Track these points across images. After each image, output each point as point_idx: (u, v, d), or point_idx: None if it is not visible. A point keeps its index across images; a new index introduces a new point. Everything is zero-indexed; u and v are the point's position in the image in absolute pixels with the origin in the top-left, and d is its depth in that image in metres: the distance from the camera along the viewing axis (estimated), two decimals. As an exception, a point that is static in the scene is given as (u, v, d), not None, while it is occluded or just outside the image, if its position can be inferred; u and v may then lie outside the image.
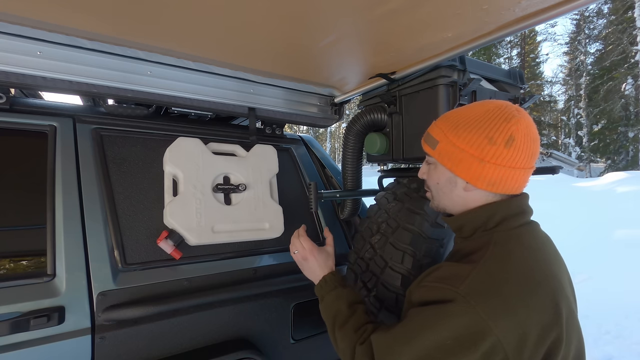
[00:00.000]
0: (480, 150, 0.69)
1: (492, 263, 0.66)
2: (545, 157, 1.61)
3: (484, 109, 0.72)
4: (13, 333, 0.87)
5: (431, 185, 0.84)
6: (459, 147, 0.72)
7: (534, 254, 0.68)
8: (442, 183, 0.79)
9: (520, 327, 0.60)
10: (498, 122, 0.69)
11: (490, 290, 0.62)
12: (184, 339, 1.10)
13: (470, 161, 0.71)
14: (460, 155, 0.72)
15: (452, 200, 0.79)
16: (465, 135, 0.71)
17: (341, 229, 1.59)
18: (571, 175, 13.01)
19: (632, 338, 2.86)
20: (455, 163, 0.73)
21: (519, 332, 0.59)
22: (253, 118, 1.39)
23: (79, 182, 1.07)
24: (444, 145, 0.75)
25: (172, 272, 1.13)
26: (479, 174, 0.71)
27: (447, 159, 0.75)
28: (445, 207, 0.82)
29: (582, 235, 5.49)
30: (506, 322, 0.59)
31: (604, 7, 17.74)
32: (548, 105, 22.83)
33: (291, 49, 1.11)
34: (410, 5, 0.84)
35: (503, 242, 0.69)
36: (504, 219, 0.72)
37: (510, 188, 0.72)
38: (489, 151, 0.69)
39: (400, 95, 1.29)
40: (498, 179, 0.70)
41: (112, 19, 0.92)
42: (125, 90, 1.13)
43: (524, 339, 0.60)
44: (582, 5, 0.81)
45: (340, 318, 0.85)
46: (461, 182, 0.75)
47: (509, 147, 0.68)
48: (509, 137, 0.68)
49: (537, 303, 0.62)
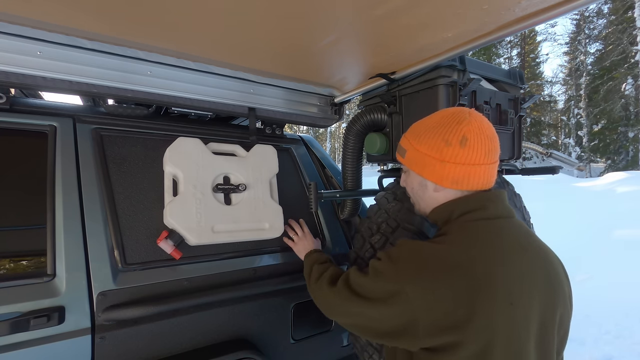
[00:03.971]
0: (440, 152, 0.78)
1: (430, 242, 0.77)
2: (545, 157, 1.61)
3: (440, 116, 0.82)
4: (13, 333, 0.87)
5: (409, 190, 0.93)
6: (422, 152, 0.81)
7: (477, 246, 0.72)
8: (416, 187, 0.88)
9: (433, 296, 0.68)
10: (451, 125, 0.77)
11: (411, 260, 0.74)
12: (184, 339, 1.10)
13: (433, 163, 0.79)
14: (424, 160, 0.80)
15: (426, 202, 0.87)
16: (426, 141, 0.80)
17: (341, 229, 1.59)
18: (571, 175, 13.01)
19: (632, 338, 2.86)
20: (422, 167, 0.82)
21: (429, 298, 0.68)
22: (253, 118, 1.39)
23: (79, 182, 1.07)
24: (411, 153, 0.84)
25: (172, 272, 1.13)
26: (442, 174, 0.79)
27: (415, 165, 0.84)
28: (423, 209, 0.90)
29: (582, 235, 5.49)
30: (420, 288, 0.69)
31: (604, 7, 17.75)
32: (548, 105, 22.83)
33: (291, 49, 1.11)
34: (410, 6, 0.84)
35: (453, 232, 0.77)
36: (462, 213, 0.78)
37: (476, 184, 0.78)
38: (447, 152, 0.77)
39: (400, 95, 1.29)
40: (460, 176, 0.77)
41: (112, 19, 0.92)
42: (125, 90, 1.13)
43: (433, 306, 0.67)
44: (582, 5, 0.81)
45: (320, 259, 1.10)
46: (430, 185, 0.83)
47: (463, 147, 0.75)
48: (462, 137, 0.76)
49: (452, 283, 0.68)
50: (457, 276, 0.68)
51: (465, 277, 0.68)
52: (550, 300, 0.72)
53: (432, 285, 0.68)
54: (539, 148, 1.62)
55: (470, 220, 0.77)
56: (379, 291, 0.75)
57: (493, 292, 0.67)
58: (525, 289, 0.69)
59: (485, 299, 0.66)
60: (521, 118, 1.37)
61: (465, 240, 0.74)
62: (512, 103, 1.35)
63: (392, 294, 0.71)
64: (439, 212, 0.83)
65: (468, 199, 0.79)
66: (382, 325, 0.74)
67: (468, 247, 0.72)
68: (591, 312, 3.28)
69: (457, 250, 0.72)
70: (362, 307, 0.78)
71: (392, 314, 0.72)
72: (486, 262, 0.69)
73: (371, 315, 0.76)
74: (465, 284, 0.67)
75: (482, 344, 0.65)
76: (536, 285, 0.71)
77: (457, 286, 0.67)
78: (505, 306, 0.66)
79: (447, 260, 0.70)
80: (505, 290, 0.67)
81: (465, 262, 0.69)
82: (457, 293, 0.67)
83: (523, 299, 0.68)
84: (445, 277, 0.68)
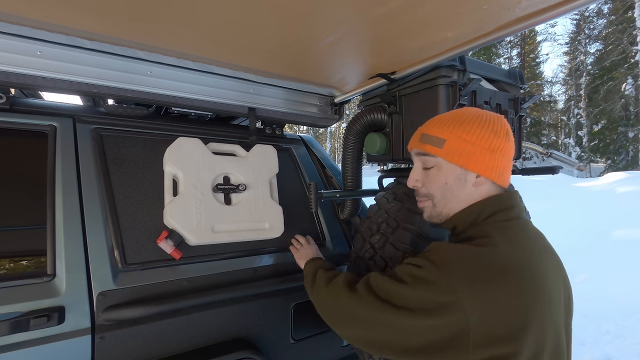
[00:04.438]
0: (490, 142, 0.74)
1: (471, 246, 0.70)
2: (545, 157, 1.61)
3: (474, 111, 0.79)
4: (13, 333, 0.87)
5: (436, 189, 0.80)
6: (470, 142, 0.74)
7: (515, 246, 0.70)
8: (451, 182, 0.78)
9: (486, 304, 0.62)
10: (494, 118, 0.77)
11: (461, 265, 0.66)
12: (184, 339, 1.10)
13: (483, 154, 0.74)
14: (473, 149, 0.74)
15: (459, 199, 0.78)
16: (474, 130, 0.74)
17: (341, 229, 1.59)
18: (571, 175, 13.01)
19: (632, 338, 2.86)
20: (468, 157, 0.75)
21: (482, 308, 0.62)
22: (253, 118, 1.39)
23: (79, 182, 1.07)
24: (454, 142, 0.75)
25: (172, 272, 1.13)
26: (491, 165, 0.74)
27: (459, 155, 0.75)
28: (450, 210, 0.80)
29: (582, 235, 5.49)
30: (469, 294, 0.62)
31: (604, 7, 17.75)
32: (548, 105, 22.83)
33: (291, 49, 1.11)
34: (411, 5, 0.84)
35: (488, 234, 0.71)
36: (493, 213, 0.75)
37: (507, 178, 0.78)
38: (497, 143, 0.74)
39: (400, 95, 1.29)
40: (502, 169, 0.76)
41: (112, 19, 0.92)
42: (125, 90, 1.13)
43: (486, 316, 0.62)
44: (582, 5, 0.81)
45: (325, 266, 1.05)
46: (471, 177, 0.76)
47: (507, 140, 0.76)
48: (507, 131, 0.76)
49: (504, 288, 0.63)
50: (510, 281, 0.64)
51: (518, 281, 0.64)
52: (568, 300, 0.74)
53: (489, 292, 0.63)
54: (539, 148, 1.62)
55: (501, 220, 0.74)
56: (424, 301, 0.66)
57: (542, 296, 0.65)
58: (555, 291, 0.69)
59: (536, 303, 0.64)
60: (521, 118, 1.37)
61: (508, 241, 0.69)
62: (512, 103, 1.35)
63: (443, 305, 0.63)
64: (467, 213, 0.77)
65: (500, 198, 0.76)
66: (417, 339, 0.66)
67: (514, 249, 0.68)
68: (591, 312, 3.28)
69: (505, 253, 0.67)
70: (393, 317, 0.69)
71: (438, 326, 0.64)
72: (530, 264, 0.67)
73: (403, 327, 0.68)
74: (519, 289, 0.63)
75: (533, 352, 0.62)
76: (560, 286, 0.72)
77: (512, 292, 0.63)
78: (550, 309, 0.66)
79: (498, 264, 0.65)
80: (548, 292, 0.67)
81: (515, 265, 0.65)
82: (513, 299, 0.63)
83: (558, 300, 0.69)
84: (500, 283, 0.63)
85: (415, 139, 0.84)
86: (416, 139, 0.83)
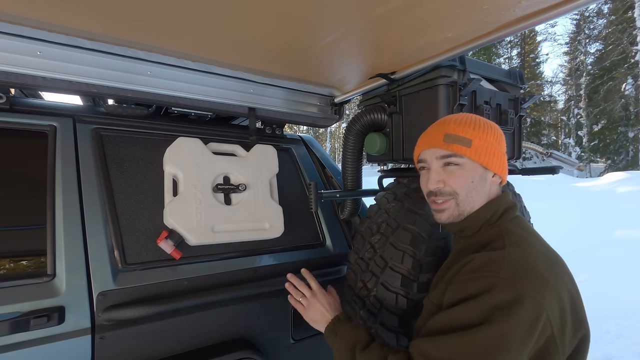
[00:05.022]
0: (502, 144, 0.81)
1: (515, 248, 0.69)
2: (545, 157, 1.61)
3: (469, 115, 0.84)
4: (13, 333, 0.87)
5: (462, 187, 0.79)
6: (491, 143, 0.79)
7: (537, 237, 0.76)
8: (477, 180, 0.79)
9: (560, 299, 0.65)
10: (494, 124, 0.82)
11: (528, 270, 0.64)
12: (184, 339, 1.10)
13: (500, 154, 0.80)
14: (494, 150, 0.79)
15: (481, 196, 0.80)
16: (492, 133, 0.80)
17: (341, 229, 1.59)
18: (571, 176, 13.00)
19: (632, 338, 2.85)
20: (491, 157, 0.79)
21: (559, 304, 0.64)
22: (253, 118, 1.39)
23: (79, 182, 1.07)
24: (480, 142, 0.78)
25: (172, 272, 1.13)
26: (504, 165, 0.82)
27: (485, 155, 0.78)
28: (472, 208, 0.80)
29: (582, 235, 5.49)
30: (550, 297, 0.63)
31: (604, 7, 17.74)
32: (548, 105, 22.82)
33: (291, 49, 1.11)
34: (410, 5, 0.84)
35: (513, 230, 0.75)
36: (504, 211, 0.80)
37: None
38: (503, 144, 0.82)
39: (400, 95, 1.29)
40: (507, 170, 0.83)
41: (112, 19, 0.92)
42: (125, 90, 1.13)
43: (563, 310, 0.65)
44: (582, 5, 0.81)
45: (362, 342, 0.80)
46: (489, 176, 0.81)
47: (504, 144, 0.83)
48: (502, 133, 0.82)
49: (562, 277, 0.69)
50: (562, 267, 0.71)
51: (563, 265, 0.72)
52: None
53: (553, 290, 0.64)
54: (539, 148, 1.62)
55: (512, 217, 0.79)
56: (517, 326, 0.60)
57: (571, 277, 0.73)
58: None
59: (574, 284, 0.72)
60: (521, 118, 1.37)
61: (530, 235, 0.75)
62: (512, 103, 1.35)
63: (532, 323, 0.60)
64: (482, 213, 0.79)
65: (505, 196, 0.82)
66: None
67: (541, 241, 0.75)
68: (591, 312, 3.25)
69: (541, 246, 0.73)
70: None
71: (534, 341, 0.61)
72: (555, 250, 0.75)
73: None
74: (567, 272, 0.71)
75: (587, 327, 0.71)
76: None
77: (566, 277, 0.70)
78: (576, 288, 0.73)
79: (545, 260, 0.69)
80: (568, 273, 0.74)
81: (554, 254, 0.73)
82: (569, 286, 0.69)
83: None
84: (554, 278, 0.66)
85: (435, 139, 0.81)
86: (437, 138, 0.80)
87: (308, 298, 0.97)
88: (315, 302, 0.96)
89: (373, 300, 1.12)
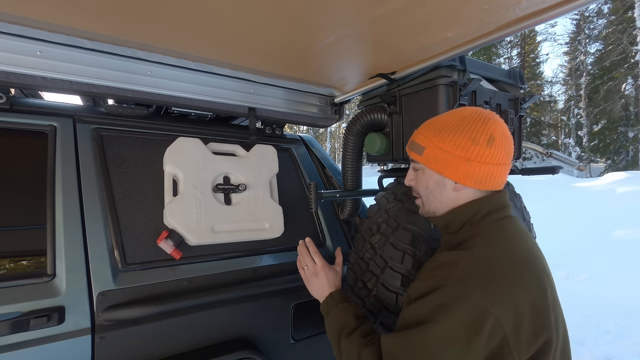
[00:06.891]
0: (466, 150, 0.75)
1: (479, 249, 0.71)
2: (545, 157, 1.61)
3: (462, 114, 0.79)
4: (13, 333, 0.87)
5: (420, 189, 0.87)
6: (446, 150, 0.77)
7: (516, 240, 0.75)
8: (432, 186, 0.83)
9: (515, 305, 0.64)
10: (477, 124, 0.76)
11: (482, 273, 0.66)
12: (184, 339, 1.10)
13: (458, 162, 0.76)
14: (448, 158, 0.77)
15: (441, 201, 0.83)
16: (450, 139, 0.77)
17: (341, 229, 1.59)
18: (571, 175, 13.00)
19: (632, 338, 2.86)
20: (444, 165, 0.78)
21: (515, 308, 0.64)
22: (253, 118, 1.39)
23: (79, 182, 1.07)
24: (431, 150, 0.80)
25: (172, 272, 1.13)
26: (467, 173, 0.76)
27: (435, 162, 0.79)
28: (435, 209, 0.85)
29: (582, 235, 5.49)
30: (502, 301, 0.63)
31: (604, 7, 17.74)
32: (548, 105, 22.83)
33: (291, 49, 1.11)
34: (411, 5, 0.84)
35: (488, 232, 0.75)
36: (488, 212, 0.77)
37: (494, 184, 0.78)
38: (474, 151, 0.74)
39: (400, 95, 1.29)
40: (484, 176, 0.76)
41: (112, 19, 0.92)
42: (125, 90, 1.13)
43: (520, 316, 0.64)
44: (582, 5, 0.81)
45: (348, 328, 0.84)
46: (450, 183, 0.80)
47: (490, 146, 0.74)
48: (490, 136, 0.75)
49: (525, 282, 0.68)
50: (520, 275, 0.68)
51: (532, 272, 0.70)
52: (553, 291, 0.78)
53: (508, 293, 0.64)
54: (539, 148, 1.62)
55: (496, 219, 0.77)
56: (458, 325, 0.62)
57: (549, 281, 0.73)
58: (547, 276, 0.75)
59: (548, 288, 0.71)
60: (521, 118, 1.37)
61: (507, 238, 0.74)
62: (512, 103, 1.35)
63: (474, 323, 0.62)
64: (459, 213, 0.79)
65: (492, 198, 0.78)
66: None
67: (518, 244, 0.74)
68: (591, 312, 3.28)
69: (512, 250, 0.72)
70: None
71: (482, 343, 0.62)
72: (534, 255, 0.73)
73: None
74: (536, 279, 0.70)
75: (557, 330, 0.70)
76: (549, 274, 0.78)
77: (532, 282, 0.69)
78: (553, 292, 0.73)
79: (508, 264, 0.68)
80: (548, 277, 0.74)
81: (525, 258, 0.71)
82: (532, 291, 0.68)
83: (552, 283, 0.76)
84: (512, 282, 0.66)
85: (409, 142, 0.89)
86: (409, 142, 0.88)
87: (312, 272, 1.01)
88: (315, 277, 1.00)
89: (373, 300, 1.12)
